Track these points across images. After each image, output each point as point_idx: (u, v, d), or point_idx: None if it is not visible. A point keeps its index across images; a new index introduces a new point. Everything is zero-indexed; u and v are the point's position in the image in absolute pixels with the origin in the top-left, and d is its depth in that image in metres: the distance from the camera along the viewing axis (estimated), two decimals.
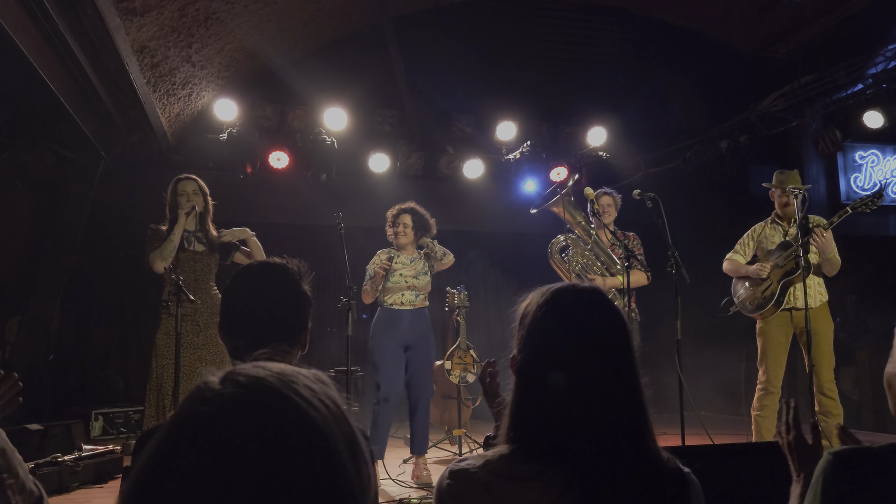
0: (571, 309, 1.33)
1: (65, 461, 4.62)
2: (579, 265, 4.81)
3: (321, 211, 6.80)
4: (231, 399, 0.67)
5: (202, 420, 0.66)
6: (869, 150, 8.91)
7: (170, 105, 6.82)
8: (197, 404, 0.68)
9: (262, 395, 0.68)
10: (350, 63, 7.90)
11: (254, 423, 0.66)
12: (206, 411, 0.67)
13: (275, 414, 0.67)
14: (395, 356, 4.91)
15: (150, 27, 5.57)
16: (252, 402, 0.67)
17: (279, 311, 1.60)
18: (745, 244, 5.18)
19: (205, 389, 0.69)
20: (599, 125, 7.98)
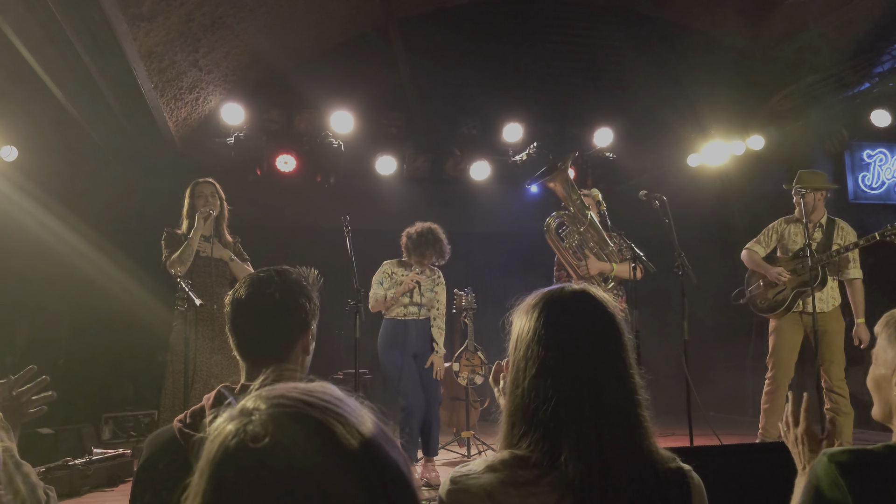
0: (561, 313, 1.33)
1: (76, 465, 4.64)
2: (576, 241, 4.79)
3: (328, 214, 6.81)
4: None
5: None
6: (877, 148, 8.87)
7: (177, 109, 6.86)
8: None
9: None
10: (356, 66, 7.92)
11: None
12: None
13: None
14: (409, 366, 4.97)
15: (157, 32, 5.60)
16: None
17: (272, 329, 1.59)
18: (768, 236, 5.12)
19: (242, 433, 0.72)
20: (606, 126, 7.99)
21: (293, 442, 0.69)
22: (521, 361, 1.33)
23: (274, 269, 1.66)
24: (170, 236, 4.55)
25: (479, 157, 7.93)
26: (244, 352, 1.58)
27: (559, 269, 4.98)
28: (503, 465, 1.24)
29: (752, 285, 5.13)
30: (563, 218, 4.83)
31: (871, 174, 8.85)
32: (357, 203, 7.20)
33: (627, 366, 1.31)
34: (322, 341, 7.32)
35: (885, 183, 8.84)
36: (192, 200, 4.62)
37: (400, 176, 7.83)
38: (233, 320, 1.58)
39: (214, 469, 0.70)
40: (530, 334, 1.33)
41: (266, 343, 1.57)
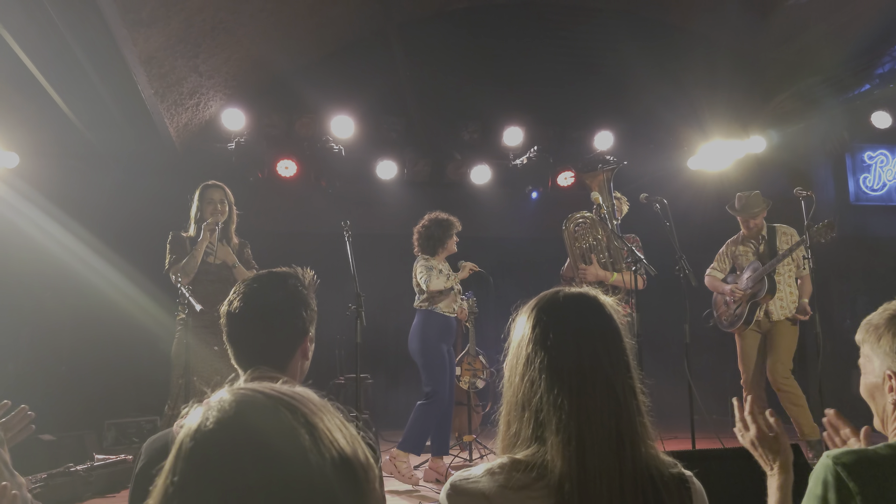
0: (553, 315, 1.34)
1: (77, 471, 4.63)
2: (587, 244, 4.81)
3: (329, 218, 6.81)
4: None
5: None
6: (878, 150, 8.86)
7: (178, 115, 6.86)
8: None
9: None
10: (356, 70, 7.92)
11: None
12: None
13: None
14: (450, 359, 5.09)
15: (157, 38, 5.61)
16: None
17: (268, 338, 1.57)
18: (721, 260, 5.47)
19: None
20: (606, 129, 7.99)
21: (252, 426, 0.70)
22: (513, 360, 1.35)
23: (268, 276, 1.63)
24: (175, 240, 4.50)
25: (480, 161, 7.93)
26: (242, 361, 1.57)
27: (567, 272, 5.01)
28: (502, 469, 1.25)
29: (719, 305, 5.45)
30: (587, 221, 4.85)
31: (872, 176, 8.84)
32: (358, 207, 7.20)
33: (621, 370, 1.30)
34: (323, 346, 7.32)
35: (887, 184, 8.83)
36: (200, 204, 4.57)
37: (400, 180, 7.84)
38: (229, 332, 1.57)
39: (178, 452, 0.71)
40: (522, 335, 1.35)
41: (263, 352, 1.56)
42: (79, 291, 6.82)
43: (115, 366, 7.38)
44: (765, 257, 5.06)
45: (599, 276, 4.72)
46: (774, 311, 4.99)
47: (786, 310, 5.00)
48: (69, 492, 4.48)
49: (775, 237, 5.13)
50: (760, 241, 5.15)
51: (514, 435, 1.30)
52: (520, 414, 1.29)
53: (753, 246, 5.20)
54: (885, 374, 1.40)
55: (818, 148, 8.12)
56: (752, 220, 5.12)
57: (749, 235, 5.20)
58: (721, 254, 5.46)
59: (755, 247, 5.17)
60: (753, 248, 5.19)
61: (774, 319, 4.99)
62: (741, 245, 5.30)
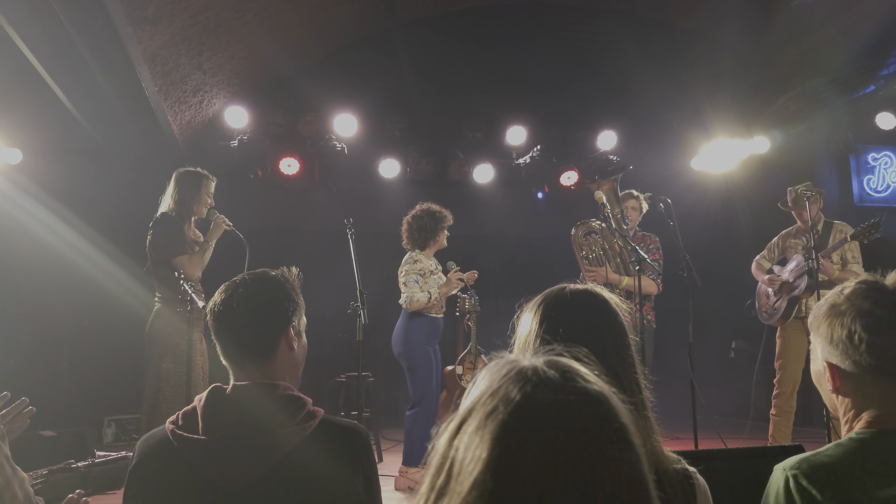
0: (558, 310, 1.34)
1: (78, 467, 4.64)
2: (594, 253, 4.78)
3: (331, 216, 6.81)
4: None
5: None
6: (882, 151, 8.84)
7: (181, 112, 6.86)
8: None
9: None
10: (360, 69, 7.92)
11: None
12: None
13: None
14: (436, 364, 4.99)
15: (161, 36, 5.61)
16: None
17: (250, 332, 1.57)
18: (771, 250, 5.29)
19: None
20: (609, 129, 7.99)
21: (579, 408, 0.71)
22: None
23: (250, 274, 1.65)
24: (173, 226, 4.21)
25: (483, 160, 7.93)
26: (228, 356, 1.58)
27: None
28: None
29: (761, 296, 5.25)
30: (596, 227, 4.82)
31: (876, 177, 8.81)
32: (361, 206, 7.20)
33: (628, 365, 1.31)
34: (324, 344, 7.32)
35: (891, 186, 8.81)
36: (197, 193, 4.35)
37: (403, 179, 7.83)
38: (215, 329, 1.58)
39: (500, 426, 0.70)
40: (529, 330, 1.35)
41: (246, 346, 1.57)
42: (81, 288, 6.82)
43: (115, 362, 7.38)
44: (808, 255, 4.85)
45: (610, 280, 4.70)
46: (811, 306, 4.82)
47: None
48: (69, 488, 4.46)
49: (831, 233, 4.95)
50: (814, 235, 4.87)
51: None
52: None
53: (805, 239, 5.00)
54: (824, 363, 1.39)
55: (822, 149, 8.10)
56: (804, 212, 4.90)
57: (805, 228, 4.97)
58: (772, 243, 5.28)
59: (807, 240, 4.95)
60: (805, 241, 4.98)
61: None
62: (794, 238, 5.13)
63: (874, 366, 1.30)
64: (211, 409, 1.46)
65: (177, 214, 4.25)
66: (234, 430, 1.42)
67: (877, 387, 1.32)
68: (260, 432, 1.42)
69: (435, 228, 4.93)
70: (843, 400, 1.38)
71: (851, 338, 1.32)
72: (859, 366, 1.32)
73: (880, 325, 1.30)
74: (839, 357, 1.35)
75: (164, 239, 4.14)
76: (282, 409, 1.46)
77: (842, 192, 8.70)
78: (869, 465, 1.26)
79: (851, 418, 1.37)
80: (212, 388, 1.49)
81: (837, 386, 1.37)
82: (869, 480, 1.23)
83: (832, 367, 1.37)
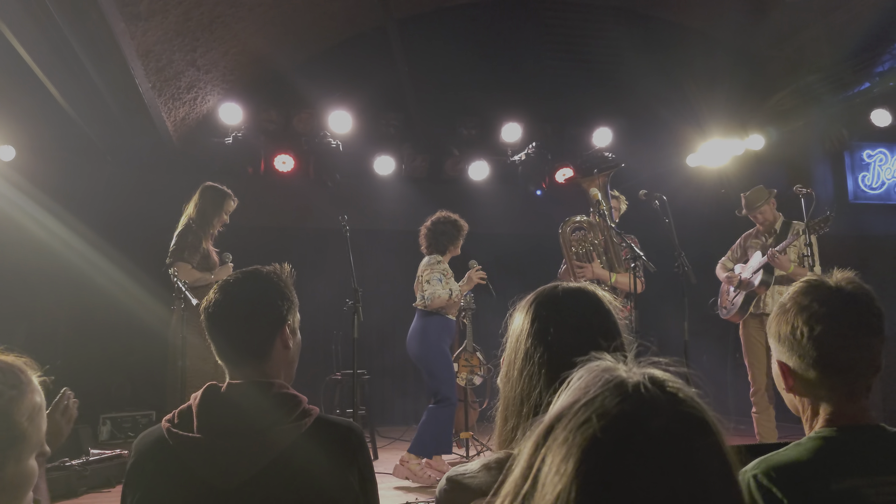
0: (551, 309, 1.34)
1: (73, 465, 4.62)
2: (584, 249, 4.78)
3: (326, 214, 6.80)
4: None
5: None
6: (877, 148, 8.85)
7: (175, 109, 6.84)
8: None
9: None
10: (354, 66, 7.90)
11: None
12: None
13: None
14: (452, 362, 5.08)
15: (154, 31, 5.58)
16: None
17: (245, 331, 1.57)
18: (734, 251, 5.46)
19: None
20: (604, 126, 7.99)
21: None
22: (511, 355, 1.35)
23: (242, 273, 1.64)
24: (195, 240, 4.45)
25: (478, 157, 7.92)
26: (223, 356, 1.58)
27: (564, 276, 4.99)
28: (499, 465, 1.23)
29: (722, 294, 5.43)
30: (584, 224, 4.82)
31: (871, 174, 8.83)
32: (355, 203, 7.19)
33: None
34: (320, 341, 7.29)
35: (885, 183, 8.83)
36: (218, 211, 4.60)
37: (398, 176, 7.82)
38: (209, 329, 1.57)
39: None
40: (521, 329, 1.34)
41: (241, 345, 1.57)
42: (75, 285, 6.81)
43: (110, 359, 7.37)
44: (764, 250, 5.04)
45: (598, 275, 4.69)
46: (770, 304, 4.94)
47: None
48: (64, 486, 4.47)
49: (788, 232, 5.07)
50: (772, 234, 5.10)
51: (512, 430, 1.29)
52: (518, 409, 1.29)
53: (764, 239, 5.16)
54: (776, 363, 1.42)
55: (817, 146, 8.11)
56: (760, 215, 5.08)
57: (763, 229, 5.15)
58: (735, 246, 5.46)
59: (765, 240, 5.13)
60: (763, 241, 5.15)
61: (769, 312, 4.91)
62: (754, 238, 5.30)
63: (817, 360, 1.33)
64: (206, 408, 1.45)
65: (198, 226, 4.50)
66: (228, 428, 1.42)
67: (824, 382, 1.34)
68: (254, 430, 1.41)
69: (455, 235, 5.07)
70: (800, 399, 1.40)
71: (794, 333, 1.35)
72: (805, 361, 1.34)
73: (819, 319, 1.33)
74: (787, 354, 1.38)
75: (180, 244, 4.41)
76: (276, 408, 1.46)
77: (836, 189, 8.72)
78: (825, 462, 1.27)
79: (810, 416, 1.39)
80: (207, 387, 1.49)
81: (790, 384, 1.40)
82: (826, 476, 1.25)
83: (782, 365, 1.40)
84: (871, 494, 1.22)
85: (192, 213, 4.56)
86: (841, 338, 1.32)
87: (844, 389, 1.34)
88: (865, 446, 1.30)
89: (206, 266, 4.50)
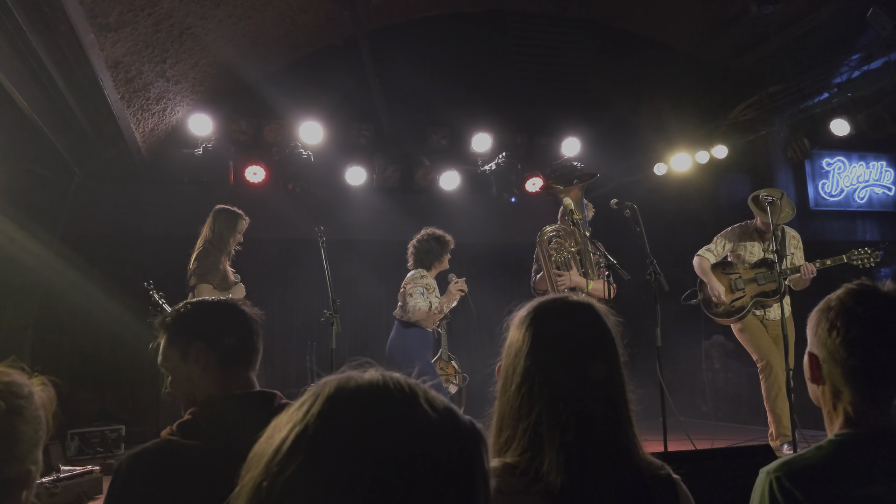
0: (549, 324, 1.33)
1: (43, 483, 4.53)
2: (561, 258, 4.83)
3: (299, 224, 6.78)
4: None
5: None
6: (835, 157, 9.11)
7: (144, 120, 6.77)
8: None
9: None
10: (325, 77, 7.91)
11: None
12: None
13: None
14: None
15: (124, 43, 5.54)
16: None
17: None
18: (719, 244, 5.29)
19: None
20: (573, 136, 8.09)
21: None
22: (508, 369, 1.34)
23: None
24: (216, 261, 4.62)
25: (449, 167, 7.97)
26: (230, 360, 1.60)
27: (537, 272, 5.01)
28: (493, 473, 1.23)
29: (708, 291, 5.26)
30: (560, 232, 4.86)
31: (830, 182, 9.07)
32: (327, 214, 7.16)
33: (618, 383, 1.32)
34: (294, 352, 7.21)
35: (844, 190, 9.08)
36: (231, 232, 4.79)
37: (370, 186, 7.83)
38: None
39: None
40: (518, 343, 1.33)
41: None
42: (42, 297, 6.68)
43: (79, 374, 7.24)
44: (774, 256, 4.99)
45: (576, 283, 4.74)
46: (773, 310, 4.94)
47: (783, 310, 4.96)
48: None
49: (786, 239, 5.05)
50: (772, 239, 4.89)
51: (506, 442, 1.29)
52: (514, 423, 1.29)
53: (763, 243, 5.08)
54: (808, 354, 1.45)
55: (779, 154, 8.32)
56: (768, 217, 4.88)
57: (764, 230, 5.05)
58: (721, 237, 5.30)
59: (765, 244, 5.05)
60: (762, 244, 5.08)
61: (771, 318, 4.93)
62: (748, 238, 5.18)
63: (848, 362, 1.35)
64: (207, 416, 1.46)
65: (215, 248, 4.69)
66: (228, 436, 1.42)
67: (849, 383, 1.37)
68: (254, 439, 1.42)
69: (440, 252, 5.12)
70: (823, 394, 1.43)
71: (831, 332, 1.37)
72: (836, 360, 1.37)
73: (859, 324, 1.35)
74: (819, 349, 1.40)
75: (202, 265, 4.59)
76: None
77: (798, 196, 8.93)
78: (846, 466, 1.31)
79: (831, 411, 1.41)
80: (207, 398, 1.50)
81: (816, 376, 1.42)
82: (846, 480, 1.28)
83: (812, 356, 1.43)
84: (889, 500, 1.25)
85: (208, 234, 4.73)
86: (878, 345, 1.33)
87: (869, 394, 1.36)
88: (886, 451, 1.32)
89: (225, 286, 4.65)
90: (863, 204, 9.20)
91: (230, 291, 4.64)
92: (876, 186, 9.27)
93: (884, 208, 9.29)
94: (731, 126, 7.91)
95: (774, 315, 4.90)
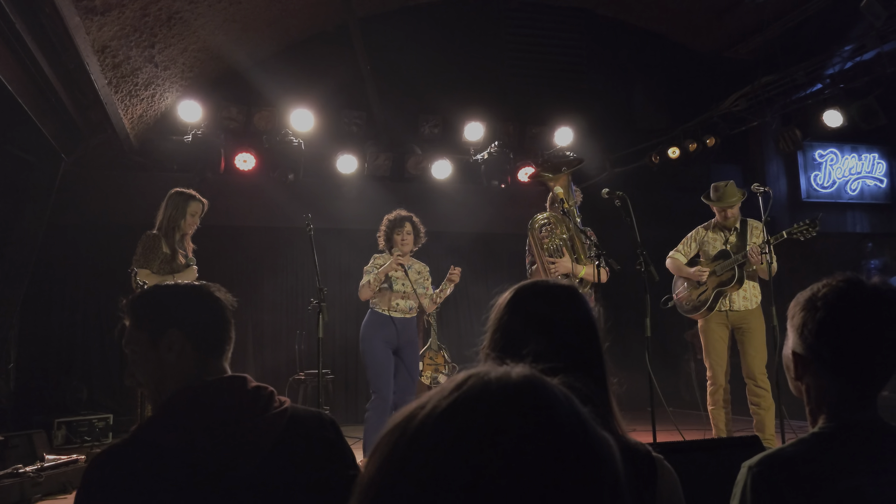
0: (535, 304, 1.36)
1: (26, 472, 4.49)
2: (553, 245, 4.81)
3: (289, 213, 6.73)
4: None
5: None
6: (828, 148, 9.11)
7: (132, 106, 6.70)
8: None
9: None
10: (316, 64, 7.84)
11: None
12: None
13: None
14: (387, 356, 4.90)
15: (111, 26, 5.46)
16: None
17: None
18: (687, 244, 5.41)
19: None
20: (565, 125, 8.06)
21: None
22: (491, 348, 1.37)
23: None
24: (151, 242, 4.51)
25: (441, 155, 7.93)
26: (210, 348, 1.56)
27: (531, 264, 5.00)
28: None
29: (678, 289, 5.38)
30: (551, 219, 4.85)
31: (822, 173, 9.08)
32: (318, 202, 7.12)
33: (595, 363, 1.35)
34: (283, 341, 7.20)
35: (836, 182, 9.09)
36: (179, 213, 4.63)
37: (361, 174, 7.78)
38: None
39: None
40: (502, 323, 1.37)
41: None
42: (28, 286, 6.62)
43: (65, 363, 7.20)
44: (735, 248, 5.07)
45: (569, 269, 4.73)
46: (737, 301, 5.00)
47: (748, 301, 5.01)
48: (17, 494, 4.34)
49: (747, 230, 5.14)
50: (732, 231, 5.12)
51: None
52: None
53: (724, 235, 5.20)
54: (790, 352, 1.43)
55: (771, 146, 8.31)
56: (730, 210, 5.08)
57: (724, 224, 5.18)
58: (689, 238, 5.41)
59: (726, 236, 5.18)
60: (724, 237, 5.19)
61: (736, 309, 4.98)
62: (711, 232, 5.28)
63: (830, 356, 1.33)
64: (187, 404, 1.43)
65: (162, 231, 4.58)
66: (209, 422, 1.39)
67: (834, 381, 1.35)
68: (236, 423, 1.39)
69: (388, 232, 5.09)
70: (805, 389, 1.41)
71: (812, 326, 1.35)
72: (819, 358, 1.35)
73: (841, 317, 1.33)
74: (802, 346, 1.38)
75: (139, 249, 4.51)
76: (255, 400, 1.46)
77: (790, 188, 8.94)
78: (830, 459, 1.29)
79: (814, 408, 1.40)
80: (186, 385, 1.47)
81: (799, 374, 1.40)
82: (830, 473, 1.26)
83: (795, 355, 1.41)
84: (873, 493, 1.24)
85: (160, 218, 4.63)
86: (860, 338, 1.31)
87: (851, 387, 1.34)
88: (870, 444, 1.31)
89: (169, 269, 4.52)
90: (854, 196, 9.21)
91: (177, 275, 4.50)
92: (868, 178, 9.28)
93: (875, 200, 9.31)
94: (722, 117, 7.89)
95: (739, 306, 4.96)
